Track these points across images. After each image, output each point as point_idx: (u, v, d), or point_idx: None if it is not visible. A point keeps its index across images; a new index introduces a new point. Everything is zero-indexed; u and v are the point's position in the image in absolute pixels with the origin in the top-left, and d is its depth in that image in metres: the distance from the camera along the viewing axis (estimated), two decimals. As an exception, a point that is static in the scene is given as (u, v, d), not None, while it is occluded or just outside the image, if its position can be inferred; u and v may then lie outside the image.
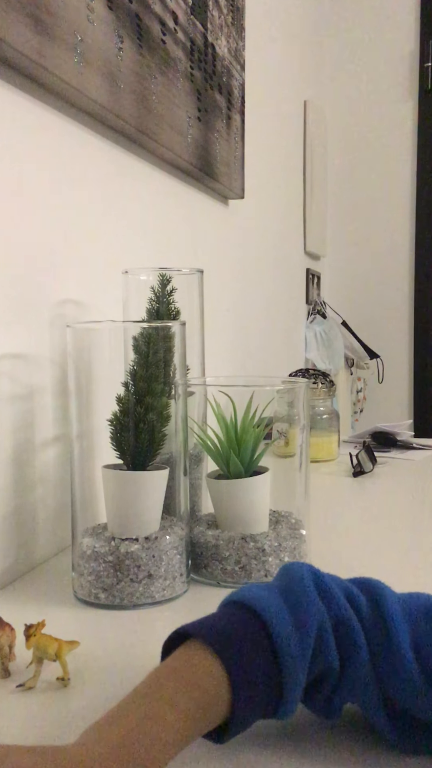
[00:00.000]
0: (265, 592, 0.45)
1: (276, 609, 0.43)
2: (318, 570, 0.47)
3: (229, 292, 1.58)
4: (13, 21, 0.71)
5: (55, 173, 0.86)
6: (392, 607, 0.44)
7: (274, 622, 0.42)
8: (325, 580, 0.46)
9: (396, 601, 0.45)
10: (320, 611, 0.44)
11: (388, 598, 0.45)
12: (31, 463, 0.81)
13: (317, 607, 0.44)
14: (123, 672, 0.55)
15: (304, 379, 1.00)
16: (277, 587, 0.46)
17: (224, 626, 0.43)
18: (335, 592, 0.45)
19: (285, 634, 0.42)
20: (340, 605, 0.44)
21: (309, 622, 0.43)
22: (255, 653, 0.41)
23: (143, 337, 0.69)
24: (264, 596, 0.44)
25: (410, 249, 2.64)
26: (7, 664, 0.55)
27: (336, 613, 0.44)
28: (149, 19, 1.02)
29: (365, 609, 0.45)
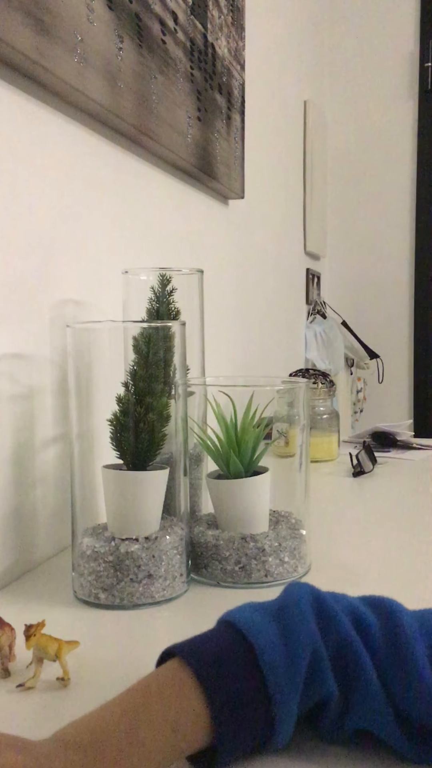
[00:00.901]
0: (258, 615, 0.43)
1: (266, 633, 0.41)
2: (320, 592, 0.45)
3: (229, 291, 1.58)
4: (13, 21, 0.71)
5: (55, 173, 0.86)
6: (407, 623, 0.43)
7: (263, 648, 0.41)
8: (327, 602, 0.44)
9: (410, 618, 0.44)
10: (313, 637, 0.42)
11: (402, 615, 0.44)
12: (31, 463, 0.81)
13: (311, 633, 0.42)
14: (123, 672, 0.55)
15: (304, 379, 1.00)
16: (274, 609, 0.44)
17: (211, 649, 0.41)
18: (338, 615, 0.43)
19: (273, 661, 0.40)
20: (343, 628, 0.43)
21: (300, 649, 0.41)
22: (240, 680, 0.40)
23: (143, 337, 0.69)
24: (256, 619, 0.43)
25: (410, 249, 2.64)
26: (7, 664, 0.55)
27: (338, 636, 0.42)
28: (149, 19, 1.02)
29: (376, 628, 0.43)
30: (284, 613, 0.43)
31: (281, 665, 0.40)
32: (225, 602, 0.69)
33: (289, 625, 0.42)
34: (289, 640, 0.41)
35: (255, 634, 0.41)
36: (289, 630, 0.42)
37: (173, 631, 0.63)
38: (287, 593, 0.46)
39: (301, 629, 0.42)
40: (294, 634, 0.42)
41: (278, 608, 0.44)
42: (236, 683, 0.40)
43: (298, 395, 0.79)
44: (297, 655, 0.41)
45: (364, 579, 0.75)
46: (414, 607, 0.54)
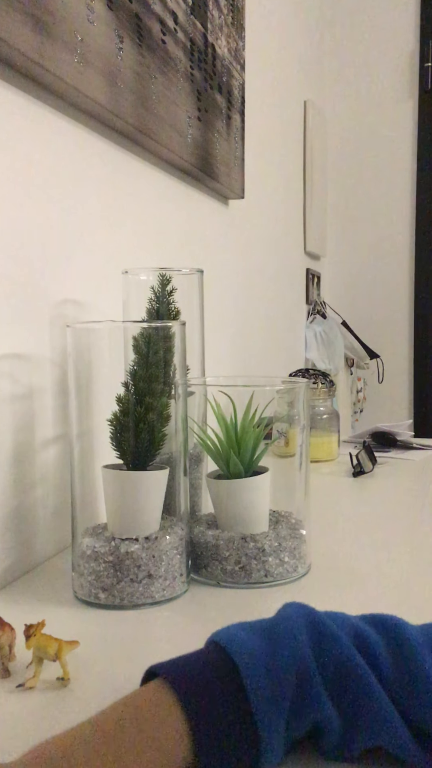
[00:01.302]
0: (245, 634, 0.42)
1: (251, 654, 0.40)
2: (316, 611, 0.45)
3: (229, 291, 1.58)
4: (13, 21, 0.71)
5: (55, 173, 0.86)
6: (413, 637, 0.42)
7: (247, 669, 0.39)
8: (323, 622, 0.43)
9: (416, 631, 0.43)
10: (302, 657, 0.41)
11: (406, 630, 0.43)
12: (31, 463, 0.81)
13: (298, 653, 0.41)
14: (123, 672, 0.55)
15: (304, 379, 1.00)
16: (264, 628, 0.43)
17: (195, 669, 0.40)
18: (335, 634, 0.42)
19: (257, 683, 0.39)
20: (342, 647, 0.41)
21: (285, 670, 0.40)
22: (223, 702, 0.39)
23: (143, 337, 0.69)
24: (242, 638, 0.42)
25: (410, 249, 2.64)
26: (7, 664, 0.55)
27: (337, 655, 0.41)
28: (149, 19, 1.02)
29: (380, 646, 0.42)
30: (274, 633, 0.42)
31: (265, 687, 0.39)
32: (225, 602, 0.69)
33: (277, 644, 0.41)
34: (275, 660, 0.40)
35: (239, 654, 0.40)
36: (276, 650, 0.41)
37: (173, 631, 0.63)
38: (280, 613, 0.45)
39: (287, 649, 0.41)
40: (280, 654, 0.40)
41: (269, 627, 0.43)
42: (219, 706, 0.38)
43: (298, 395, 0.79)
44: (282, 677, 0.39)
45: (364, 579, 0.75)
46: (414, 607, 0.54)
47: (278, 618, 0.44)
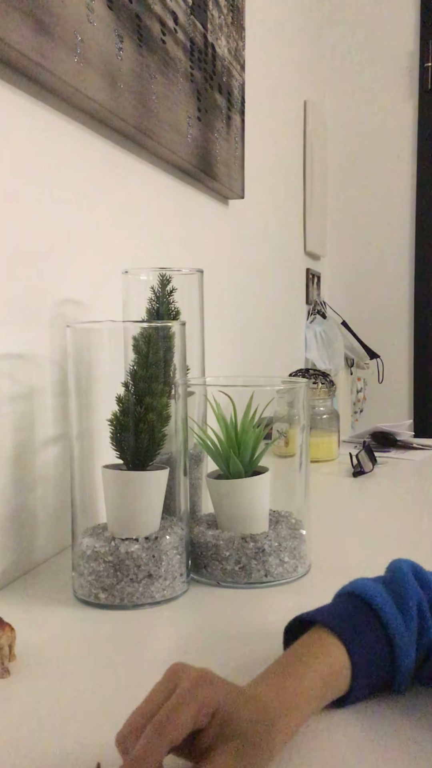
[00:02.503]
0: (370, 583, 0.53)
1: (381, 595, 0.51)
2: (418, 565, 0.55)
3: (229, 291, 1.58)
4: (13, 21, 0.71)
5: (55, 173, 0.86)
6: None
7: (382, 606, 0.50)
8: (424, 571, 0.55)
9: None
10: (418, 593, 0.52)
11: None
12: (31, 463, 0.81)
13: (415, 590, 0.52)
14: (123, 672, 0.55)
15: (304, 379, 1.00)
16: (381, 578, 0.54)
17: (342, 613, 0.51)
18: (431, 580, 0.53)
19: (392, 615, 0.50)
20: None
21: (409, 602, 0.51)
22: (369, 634, 0.49)
23: (143, 337, 0.69)
24: (370, 586, 0.52)
25: (410, 249, 2.64)
26: (7, 664, 0.55)
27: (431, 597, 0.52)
28: (149, 19, 1.02)
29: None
30: (391, 578, 0.53)
31: (398, 620, 0.50)
32: (225, 602, 0.69)
33: (397, 585, 0.52)
34: (398, 597, 0.51)
35: (374, 598, 0.51)
36: (397, 589, 0.52)
37: (173, 631, 0.63)
38: (391, 566, 0.56)
39: (406, 587, 0.52)
40: (402, 590, 0.52)
41: (386, 576, 0.54)
42: (367, 638, 0.49)
43: (298, 395, 0.79)
44: (408, 609, 0.51)
45: (364, 579, 0.75)
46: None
47: (391, 570, 0.55)
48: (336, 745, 0.45)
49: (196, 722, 0.39)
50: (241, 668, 0.53)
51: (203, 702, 0.39)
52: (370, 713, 0.49)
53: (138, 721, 0.39)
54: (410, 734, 0.46)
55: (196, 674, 0.41)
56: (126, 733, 0.39)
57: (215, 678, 0.42)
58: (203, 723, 0.39)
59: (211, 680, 0.41)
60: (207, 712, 0.39)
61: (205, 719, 0.39)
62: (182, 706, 0.38)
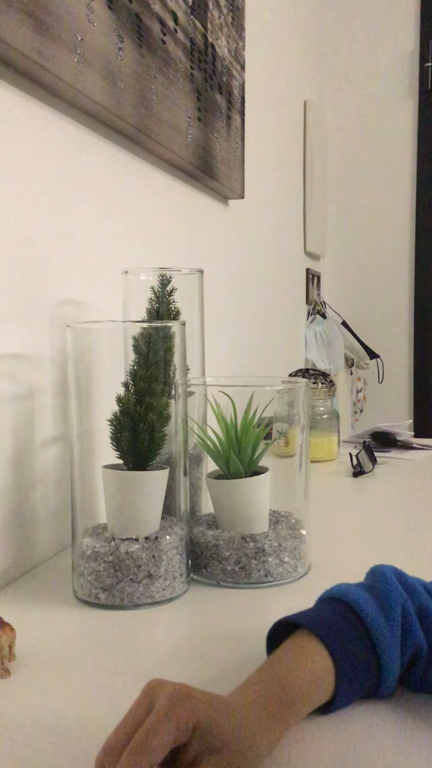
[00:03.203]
0: (353, 587, 0.53)
1: (365, 600, 0.51)
2: (400, 570, 0.55)
3: (229, 292, 1.58)
4: (13, 21, 0.71)
5: (55, 173, 0.86)
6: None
7: (366, 611, 0.50)
8: (407, 576, 0.54)
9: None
10: (402, 597, 0.51)
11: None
12: (31, 463, 0.81)
13: (399, 594, 0.51)
14: (123, 672, 0.55)
15: (304, 379, 1.00)
16: (363, 583, 0.54)
17: (325, 618, 0.50)
18: (416, 586, 0.53)
19: (376, 620, 0.49)
20: (421, 595, 0.52)
21: (394, 607, 0.50)
22: (353, 639, 0.49)
23: (143, 337, 0.69)
24: (353, 590, 0.52)
25: (410, 249, 2.64)
26: (7, 664, 0.55)
27: (417, 602, 0.51)
28: (149, 19, 1.02)
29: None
30: (374, 583, 0.53)
31: (383, 625, 0.49)
32: (225, 602, 0.69)
33: (381, 590, 0.52)
34: (382, 600, 0.51)
35: (357, 602, 0.51)
36: (381, 593, 0.51)
37: (173, 631, 0.63)
38: (373, 571, 0.55)
39: (391, 592, 0.51)
40: (385, 594, 0.51)
41: (369, 582, 0.54)
42: (350, 643, 0.49)
43: (298, 395, 0.78)
44: (392, 612, 0.50)
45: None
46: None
47: (374, 574, 0.54)
48: (335, 745, 0.45)
49: (177, 739, 0.38)
50: (241, 668, 0.53)
51: (182, 717, 0.38)
52: (370, 713, 0.49)
53: (117, 743, 0.38)
54: (410, 734, 0.46)
55: (173, 689, 0.40)
56: (105, 755, 0.38)
57: (192, 691, 0.41)
58: (184, 739, 0.39)
59: (189, 694, 0.40)
60: (187, 727, 0.38)
61: (186, 735, 0.38)
62: (161, 725, 0.38)
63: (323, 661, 0.47)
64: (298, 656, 0.47)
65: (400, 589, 0.52)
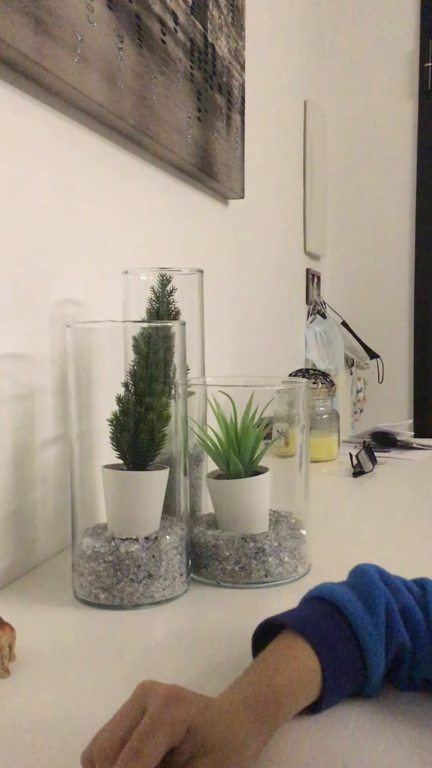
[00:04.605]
0: (338, 587, 0.53)
1: (349, 599, 0.51)
2: (382, 568, 0.55)
3: (229, 291, 1.58)
4: (13, 21, 0.71)
5: (55, 173, 0.86)
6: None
7: (350, 609, 0.50)
8: (389, 575, 0.54)
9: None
10: (386, 595, 0.51)
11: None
12: (31, 463, 0.81)
13: (383, 593, 0.51)
14: (124, 672, 0.55)
15: (304, 379, 1.00)
16: (347, 583, 0.54)
17: (310, 617, 0.50)
18: (398, 584, 0.53)
19: (361, 618, 0.50)
20: (404, 594, 0.52)
21: (378, 605, 0.50)
22: (338, 638, 0.49)
23: (143, 337, 0.69)
24: (337, 589, 0.52)
25: (410, 249, 2.64)
26: (7, 664, 0.55)
27: (401, 601, 0.52)
28: (149, 19, 1.02)
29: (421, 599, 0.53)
30: (358, 582, 0.53)
31: (368, 624, 0.49)
32: (225, 602, 0.69)
33: (364, 588, 0.52)
34: (366, 599, 0.51)
35: (342, 601, 0.51)
36: (365, 592, 0.51)
37: (173, 631, 0.63)
38: (357, 570, 0.55)
39: (375, 591, 0.51)
40: (369, 593, 0.51)
41: (352, 580, 0.54)
42: (336, 642, 0.49)
43: (298, 395, 0.78)
44: (377, 611, 0.50)
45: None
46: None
47: (357, 573, 0.54)
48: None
49: (171, 742, 0.38)
50: (241, 668, 0.53)
51: (175, 720, 0.38)
52: (368, 714, 0.49)
53: (109, 745, 0.38)
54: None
55: (165, 692, 0.40)
56: (94, 755, 0.38)
57: (185, 693, 0.41)
58: (177, 741, 0.39)
59: (181, 696, 0.40)
60: (180, 730, 0.38)
61: (179, 737, 0.39)
62: (155, 728, 0.38)
63: (309, 661, 0.47)
64: (284, 657, 0.47)
65: (384, 587, 0.52)
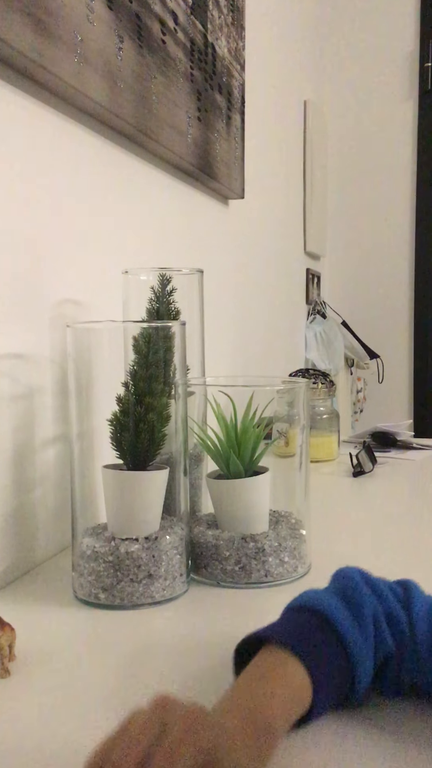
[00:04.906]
0: (323, 595, 0.51)
1: (336, 608, 0.49)
2: (366, 572, 0.54)
3: (229, 291, 1.58)
4: (13, 21, 0.71)
5: (55, 173, 0.86)
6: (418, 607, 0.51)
7: (339, 620, 0.48)
8: (373, 579, 0.53)
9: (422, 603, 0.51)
10: (373, 603, 0.50)
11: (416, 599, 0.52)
12: (31, 463, 0.81)
13: (369, 600, 0.50)
14: (124, 672, 0.55)
15: (304, 379, 1.00)
16: (332, 589, 0.52)
17: (297, 630, 0.48)
18: (383, 590, 0.52)
19: (349, 629, 0.48)
20: (390, 601, 0.51)
21: (365, 614, 0.49)
22: (327, 650, 0.48)
23: (143, 337, 0.69)
24: (323, 598, 0.50)
25: (410, 249, 2.64)
26: (7, 664, 0.55)
27: (387, 607, 0.51)
28: (149, 19, 1.02)
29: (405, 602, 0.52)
30: (344, 588, 0.51)
31: (355, 633, 0.48)
32: (225, 602, 0.69)
33: (351, 596, 0.50)
34: (354, 607, 0.50)
35: (328, 610, 0.49)
36: (352, 600, 0.50)
37: (173, 631, 0.63)
38: (340, 574, 0.54)
39: (362, 598, 0.50)
40: (356, 601, 0.50)
41: (338, 586, 0.52)
42: (325, 654, 0.47)
43: (298, 395, 0.79)
44: (365, 620, 0.49)
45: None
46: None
47: (341, 579, 0.53)
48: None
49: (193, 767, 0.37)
50: (241, 668, 0.53)
51: (200, 748, 0.37)
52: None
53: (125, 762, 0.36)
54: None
55: (189, 714, 0.39)
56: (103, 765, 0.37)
57: (208, 718, 0.39)
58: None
59: (205, 721, 0.39)
60: (202, 759, 0.37)
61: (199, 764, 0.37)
62: (181, 754, 0.36)
63: (300, 678, 0.46)
64: (276, 675, 0.45)
65: (370, 594, 0.51)
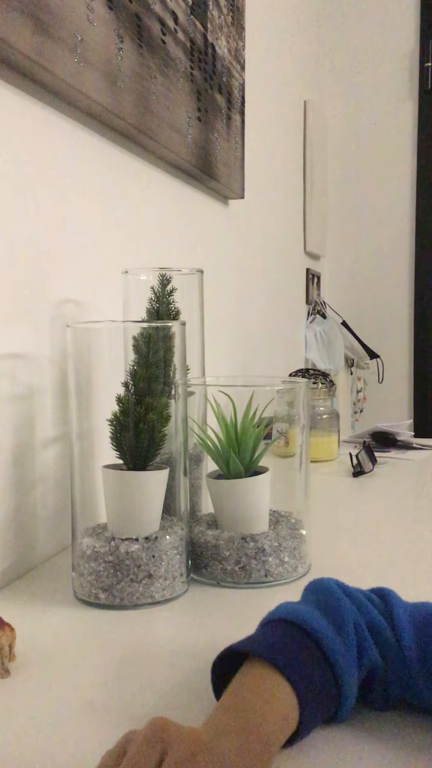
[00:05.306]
0: (303, 607, 0.50)
1: (318, 621, 0.48)
2: (342, 582, 0.53)
3: (229, 291, 1.58)
4: (13, 21, 0.71)
5: (55, 173, 0.86)
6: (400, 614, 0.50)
7: (321, 633, 0.47)
8: (350, 588, 0.52)
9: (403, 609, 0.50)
10: (353, 614, 0.49)
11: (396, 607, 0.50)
12: (31, 463, 0.81)
13: (350, 611, 0.49)
14: (124, 672, 0.55)
15: (304, 379, 1.00)
16: (309, 601, 0.51)
17: (279, 644, 0.47)
18: (362, 599, 0.50)
19: (332, 643, 0.47)
20: (370, 610, 0.50)
21: (347, 625, 0.48)
22: (312, 666, 0.46)
23: (143, 337, 0.69)
24: (304, 611, 0.49)
25: (410, 249, 2.64)
26: (6, 664, 0.55)
27: (368, 617, 0.49)
28: (149, 19, 1.02)
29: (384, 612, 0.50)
30: (322, 600, 0.50)
31: (339, 645, 0.47)
32: (225, 602, 0.69)
33: (331, 606, 0.49)
34: (335, 618, 0.48)
35: (310, 624, 0.47)
36: (332, 610, 0.49)
37: (173, 631, 0.63)
38: (317, 586, 0.52)
39: (342, 609, 0.49)
40: (337, 611, 0.49)
41: (316, 598, 0.51)
42: (309, 669, 0.46)
43: (298, 395, 0.79)
44: (347, 632, 0.48)
45: (364, 579, 0.75)
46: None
47: (319, 590, 0.52)
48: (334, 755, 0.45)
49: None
50: (241, 668, 0.53)
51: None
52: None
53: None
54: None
55: (189, 739, 0.38)
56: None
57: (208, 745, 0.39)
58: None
59: (205, 747, 0.38)
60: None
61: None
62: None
63: (287, 697, 0.44)
64: (262, 695, 0.44)
65: (350, 604, 0.49)
